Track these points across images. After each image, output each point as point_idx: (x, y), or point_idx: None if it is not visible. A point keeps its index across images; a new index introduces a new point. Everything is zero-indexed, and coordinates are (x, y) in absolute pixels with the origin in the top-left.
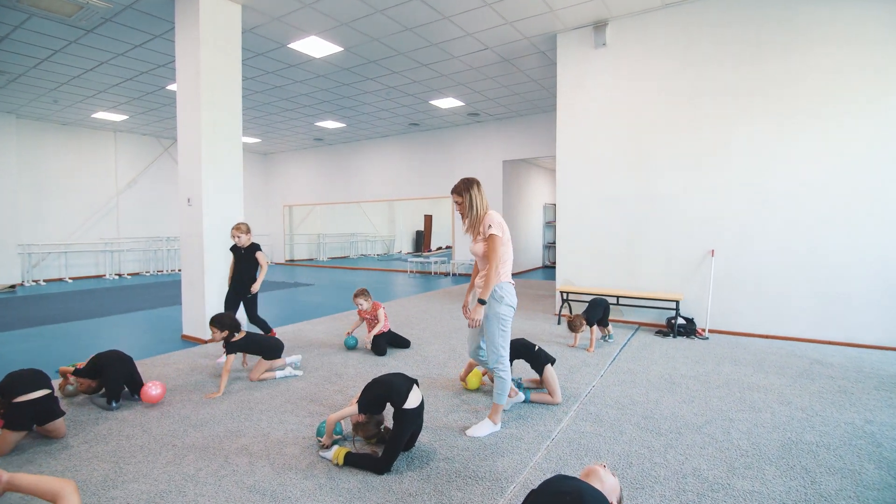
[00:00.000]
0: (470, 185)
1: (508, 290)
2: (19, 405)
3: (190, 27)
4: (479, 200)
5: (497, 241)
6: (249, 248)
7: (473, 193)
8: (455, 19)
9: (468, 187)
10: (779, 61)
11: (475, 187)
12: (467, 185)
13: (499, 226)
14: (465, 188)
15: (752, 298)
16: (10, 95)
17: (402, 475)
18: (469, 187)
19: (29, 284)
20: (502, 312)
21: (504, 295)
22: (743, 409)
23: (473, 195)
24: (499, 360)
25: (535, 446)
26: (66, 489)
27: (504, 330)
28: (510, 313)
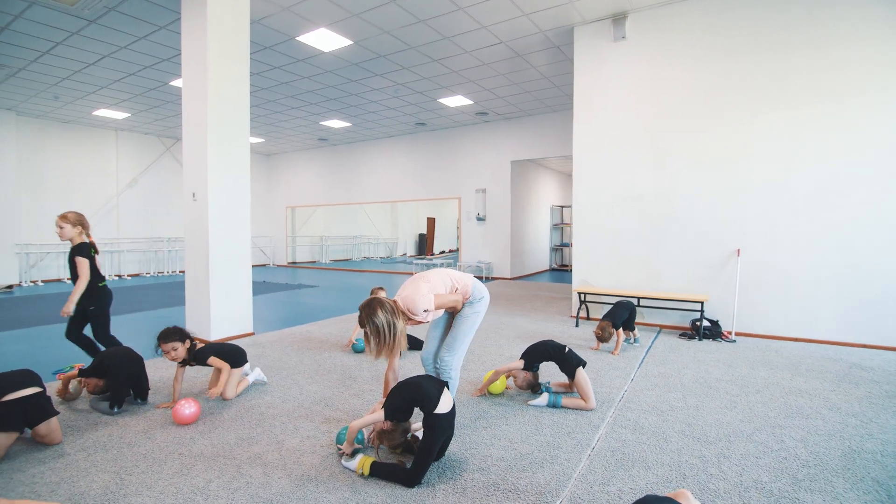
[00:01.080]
0: (371, 312)
1: (481, 289)
2: (7, 404)
3: (197, 15)
4: (384, 322)
5: (443, 300)
6: (73, 248)
7: (377, 321)
8: (470, 10)
9: (370, 316)
10: (806, 53)
11: (377, 312)
12: (368, 313)
13: (423, 296)
14: (366, 317)
15: (781, 300)
16: (9, 91)
17: (434, 488)
18: (370, 315)
19: (26, 285)
20: (480, 310)
21: (483, 296)
22: (791, 416)
23: (378, 323)
24: (452, 365)
25: (576, 456)
26: None
27: (474, 328)
28: (485, 310)
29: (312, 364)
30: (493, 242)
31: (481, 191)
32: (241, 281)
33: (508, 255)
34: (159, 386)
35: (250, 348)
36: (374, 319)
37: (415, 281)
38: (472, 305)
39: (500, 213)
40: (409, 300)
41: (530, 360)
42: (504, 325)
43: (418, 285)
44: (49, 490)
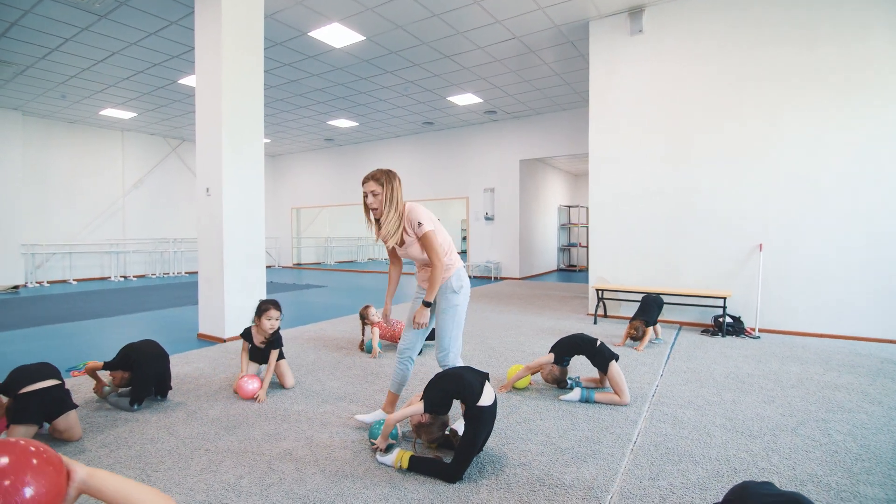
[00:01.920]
0: (392, 176)
1: (464, 277)
2: (26, 395)
3: (211, 8)
4: (399, 195)
5: (433, 236)
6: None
7: (395, 186)
8: (485, 3)
9: (390, 178)
10: (831, 45)
11: (396, 180)
12: (389, 175)
13: (429, 219)
14: (385, 177)
15: (806, 295)
16: (16, 90)
17: (477, 483)
18: (391, 178)
19: (32, 285)
20: (460, 302)
21: (463, 284)
22: (832, 410)
23: (395, 188)
24: (449, 355)
25: (618, 451)
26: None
27: (461, 322)
28: (466, 302)
29: (331, 361)
30: (501, 242)
31: (490, 190)
32: (255, 278)
33: (517, 255)
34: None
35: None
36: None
37: (425, 209)
38: (451, 296)
39: (509, 213)
40: (411, 210)
41: (560, 353)
42: (521, 322)
43: (423, 211)
44: None
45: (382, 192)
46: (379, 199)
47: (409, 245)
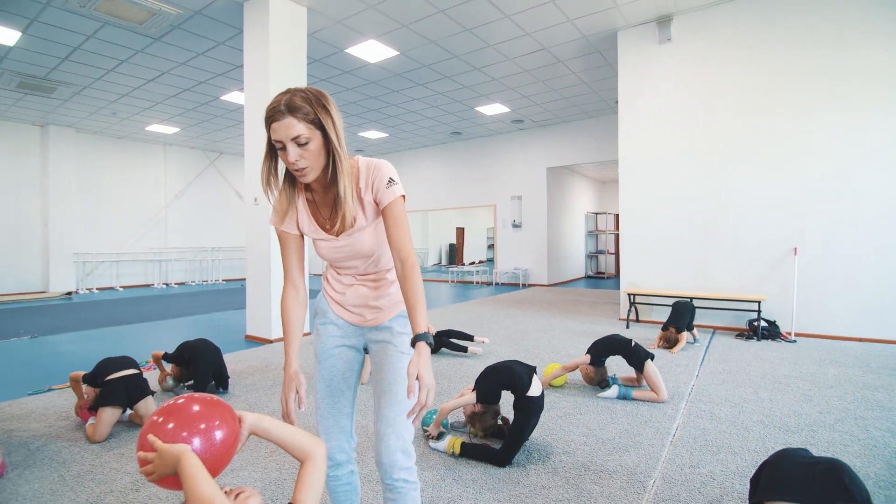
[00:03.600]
0: (326, 101)
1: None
2: (113, 381)
3: (259, 29)
4: (340, 130)
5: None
6: None
7: (337, 120)
8: (516, 17)
9: (324, 104)
10: (864, 48)
11: (334, 107)
12: (321, 99)
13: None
14: (318, 105)
15: (844, 299)
16: (72, 109)
17: (525, 468)
18: (326, 104)
19: (83, 292)
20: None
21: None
22: (871, 409)
23: (339, 124)
24: (409, 451)
25: (658, 442)
26: (318, 451)
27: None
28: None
29: None
30: (529, 249)
31: (517, 198)
32: None
33: (545, 262)
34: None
35: (309, 346)
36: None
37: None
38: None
39: (536, 220)
40: (384, 164)
41: (597, 354)
42: (553, 325)
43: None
44: None
45: (316, 138)
46: (313, 153)
47: (357, 232)
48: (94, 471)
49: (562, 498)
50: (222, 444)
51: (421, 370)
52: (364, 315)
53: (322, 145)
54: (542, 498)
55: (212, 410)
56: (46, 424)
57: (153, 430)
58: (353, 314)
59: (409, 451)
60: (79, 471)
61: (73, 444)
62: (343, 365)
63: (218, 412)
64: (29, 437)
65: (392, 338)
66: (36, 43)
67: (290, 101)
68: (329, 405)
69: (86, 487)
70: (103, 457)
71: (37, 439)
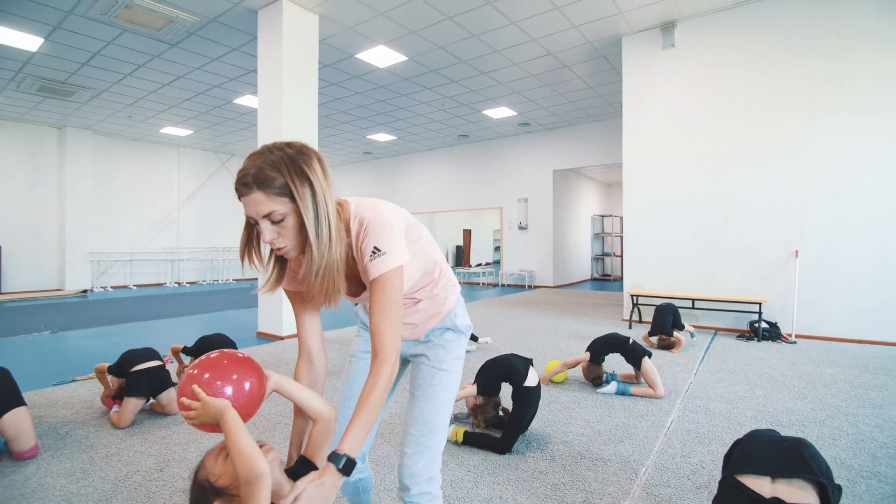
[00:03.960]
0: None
1: (464, 308)
2: (137, 373)
3: (272, 36)
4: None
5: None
6: None
7: (317, 182)
8: (522, 24)
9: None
10: (865, 53)
11: (315, 166)
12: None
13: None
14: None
15: (844, 301)
16: (90, 112)
17: (524, 455)
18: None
19: (98, 290)
20: (461, 355)
21: (468, 322)
22: (863, 406)
23: (318, 187)
24: (433, 471)
25: (653, 434)
26: (330, 414)
27: (451, 405)
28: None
29: None
30: (535, 251)
31: (523, 200)
32: None
33: (551, 264)
34: None
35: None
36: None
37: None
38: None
39: (542, 223)
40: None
41: (596, 352)
42: (557, 326)
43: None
44: (180, 449)
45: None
46: (291, 230)
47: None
48: (121, 453)
49: (557, 482)
50: (250, 395)
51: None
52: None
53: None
54: (539, 482)
55: (242, 365)
56: (73, 412)
57: (195, 382)
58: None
59: (427, 475)
60: (106, 453)
61: (99, 430)
62: (364, 367)
63: (247, 367)
64: (57, 423)
65: (427, 350)
66: (57, 49)
67: (258, 172)
68: (346, 407)
69: (113, 468)
70: (128, 441)
71: (65, 425)
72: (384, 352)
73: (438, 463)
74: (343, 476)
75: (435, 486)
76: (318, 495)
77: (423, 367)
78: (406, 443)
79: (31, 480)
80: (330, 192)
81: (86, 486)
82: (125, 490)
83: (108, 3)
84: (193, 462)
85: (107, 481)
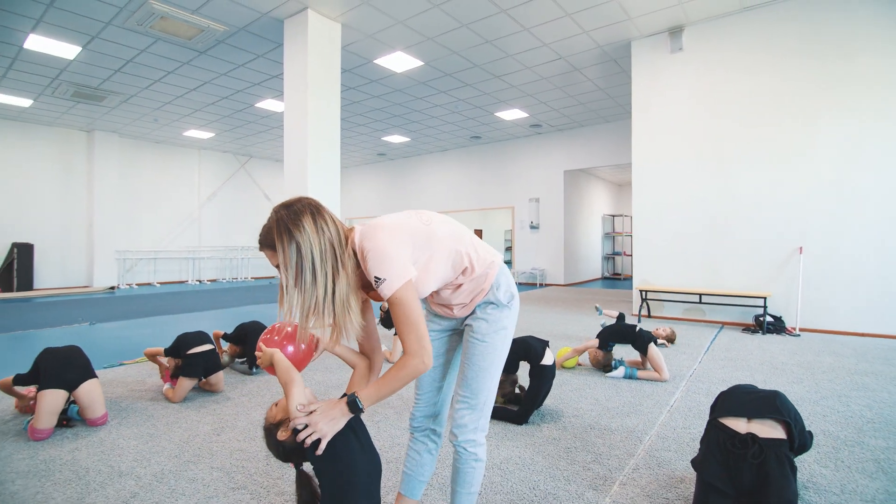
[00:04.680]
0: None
1: (511, 283)
2: (193, 356)
3: (299, 44)
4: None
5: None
6: None
7: (303, 245)
8: (534, 30)
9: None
10: (867, 55)
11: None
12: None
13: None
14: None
15: (846, 296)
16: (118, 116)
17: (539, 426)
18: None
19: (124, 287)
20: (508, 324)
21: (513, 292)
22: (856, 389)
23: (303, 244)
24: (479, 423)
25: (657, 410)
26: (363, 364)
27: (500, 366)
28: (514, 324)
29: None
30: (546, 250)
31: (535, 200)
32: None
33: (562, 263)
34: None
35: None
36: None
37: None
38: (494, 314)
39: (554, 222)
40: (374, 252)
41: (605, 339)
42: (568, 319)
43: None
44: (232, 419)
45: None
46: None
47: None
48: (179, 422)
49: (569, 446)
50: (305, 352)
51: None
52: (452, 311)
53: None
54: (553, 446)
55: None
56: (128, 390)
57: (264, 341)
58: (442, 308)
59: (472, 426)
60: (166, 421)
61: (155, 403)
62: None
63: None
64: (117, 398)
65: (473, 322)
66: (93, 56)
67: (265, 235)
68: (426, 379)
69: (175, 433)
70: (184, 412)
71: (124, 400)
72: (410, 352)
73: (484, 417)
74: (350, 409)
75: (480, 435)
76: (328, 411)
77: (469, 338)
78: (456, 400)
79: (106, 442)
80: (321, 241)
81: (155, 446)
82: (189, 449)
83: (145, 14)
84: (245, 429)
85: (172, 443)
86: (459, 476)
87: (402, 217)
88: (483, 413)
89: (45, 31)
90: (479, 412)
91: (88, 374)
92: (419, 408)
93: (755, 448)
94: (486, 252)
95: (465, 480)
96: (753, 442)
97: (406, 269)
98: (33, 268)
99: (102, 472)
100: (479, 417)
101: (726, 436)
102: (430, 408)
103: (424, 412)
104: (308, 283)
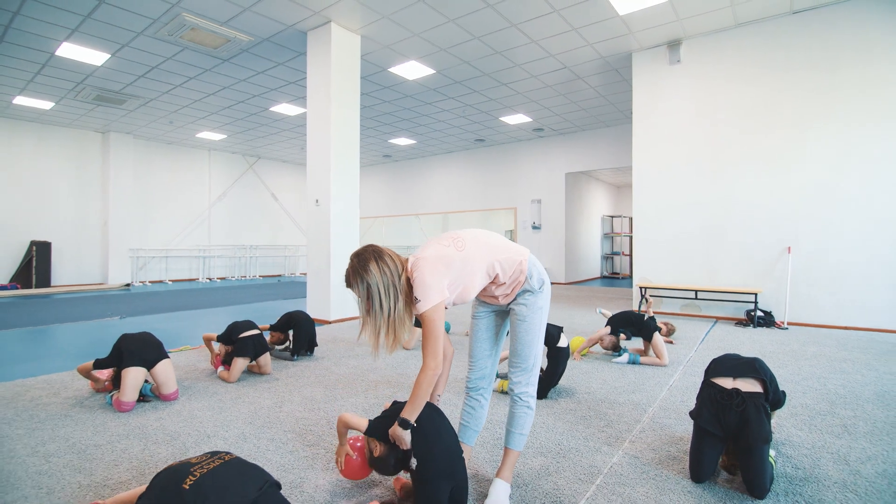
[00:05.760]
0: (361, 270)
1: (541, 271)
2: (244, 339)
3: (322, 55)
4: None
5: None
6: None
7: (372, 282)
8: (541, 42)
9: (359, 272)
10: (853, 68)
11: (370, 272)
12: (357, 270)
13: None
14: (355, 276)
15: (831, 292)
16: (134, 118)
17: (556, 400)
18: (358, 273)
19: (137, 284)
20: (541, 305)
21: (544, 279)
22: (834, 372)
23: (372, 284)
24: (530, 380)
25: (658, 389)
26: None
27: (541, 338)
28: (548, 304)
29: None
30: (547, 250)
31: (536, 201)
32: None
33: (563, 262)
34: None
35: None
36: (366, 278)
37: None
38: (531, 297)
39: (555, 223)
40: (417, 280)
41: (616, 325)
42: (572, 314)
43: (437, 270)
44: (287, 394)
45: (362, 295)
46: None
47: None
48: (242, 397)
49: (584, 415)
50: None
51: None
52: (497, 300)
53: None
54: (570, 414)
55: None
56: (184, 373)
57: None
58: (489, 298)
59: (524, 383)
60: (229, 397)
61: (214, 383)
62: (482, 325)
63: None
64: (178, 379)
65: (515, 307)
66: (120, 63)
67: (346, 279)
68: (473, 347)
69: (241, 406)
70: (242, 390)
71: (183, 381)
72: (425, 366)
73: (534, 375)
74: (403, 428)
75: (531, 388)
76: (392, 433)
77: (514, 320)
78: (512, 365)
79: (183, 412)
80: (385, 280)
81: (226, 416)
82: (258, 419)
83: (177, 25)
84: (303, 402)
85: (240, 414)
86: (515, 419)
87: (440, 248)
88: (533, 372)
89: (78, 39)
90: (529, 373)
91: (163, 354)
92: (474, 371)
93: (739, 399)
94: (514, 253)
95: (518, 423)
96: (738, 394)
97: (438, 295)
98: (51, 265)
99: (192, 435)
100: (530, 376)
101: (716, 391)
102: (481, 371)
103: (477, 374)
104: (377, 310)
